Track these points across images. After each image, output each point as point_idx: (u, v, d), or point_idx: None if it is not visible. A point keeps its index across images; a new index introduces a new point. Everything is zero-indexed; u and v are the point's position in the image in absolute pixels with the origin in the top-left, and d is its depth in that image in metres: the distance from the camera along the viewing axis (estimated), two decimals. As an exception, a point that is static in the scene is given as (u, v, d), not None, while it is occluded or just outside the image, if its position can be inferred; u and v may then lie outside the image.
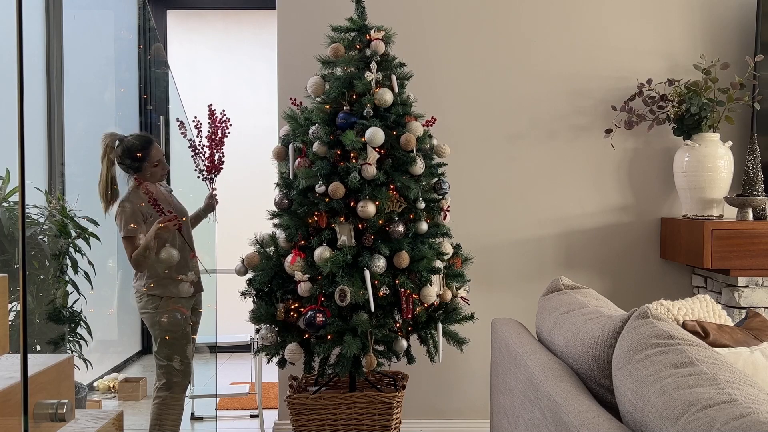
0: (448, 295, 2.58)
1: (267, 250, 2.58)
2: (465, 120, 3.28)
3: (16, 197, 2.79)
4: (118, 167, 2.72)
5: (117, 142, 2.70)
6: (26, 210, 2.91)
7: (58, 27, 3.45)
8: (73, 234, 3.05)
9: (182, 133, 2.86)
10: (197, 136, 2.84)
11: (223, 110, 2.90)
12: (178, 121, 2.85)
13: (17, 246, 2.62)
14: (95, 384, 3.92)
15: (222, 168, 2.87)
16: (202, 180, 2.87)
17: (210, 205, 2.96)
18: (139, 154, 2.68)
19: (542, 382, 1.54)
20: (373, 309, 2.41)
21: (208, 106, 2.88)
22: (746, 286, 2.87)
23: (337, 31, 2.62)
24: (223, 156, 2.86)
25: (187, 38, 5.49)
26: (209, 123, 2.83)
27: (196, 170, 2.87)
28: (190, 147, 2.83)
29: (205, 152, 2.83)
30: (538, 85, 3.27)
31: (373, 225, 2.45)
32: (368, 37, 2.56)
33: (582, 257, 3.30)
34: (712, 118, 3.01)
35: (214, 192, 2.91)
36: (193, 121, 2.84)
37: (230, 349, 5.28)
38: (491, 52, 3.27)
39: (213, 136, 2.82)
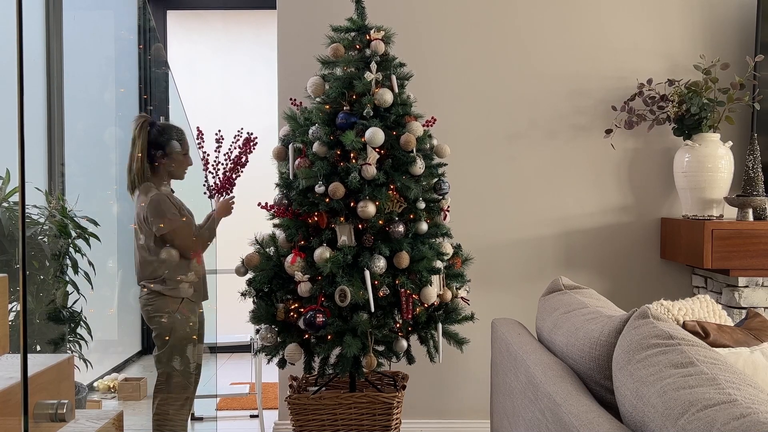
0: (448, 295, 2.58)
1: (267, 250, 2.58)
2: (465, 120, 3.28)
3: (16, 197, 2.79)
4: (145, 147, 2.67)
5: (150, 124, 2.69)
6: (26, 210, 2.91)
7: (58, 27, 3.44)
8: (73, 234, 3.04)
9: (199, 145, 2.77)
10: (215, 151, 2.75)
11: (252, 134, 2.81)
12: (198, 130, 2.80)
13: (17, 246, 2.62)
14: (95, 384, 3.91)
15: (234, 188, 2.81)
16: (208, 197, 2.82)
17: (226, 208, 2.84)
18: (172, 140, 2.69)
19: (542, 382, 1.54)
20: (373, 309, 2.41)
21: (249, 133, 2.81)
22: (746, 286, 2.87)
23: (337, 31, 2.62)
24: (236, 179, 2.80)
25: (187, 38, 5.49)
26: (239, 147, 2.75)
27: (204, 185, 2.83)
28: (203, 161, 2.76)
29: (219, 170, 2.76)
30: (538, 85, 3.27)
31: (373, 225, 2.44)
32: (368, 37, 2.56)
33: (582, 257, 3.30)
34: (712, 118, 3.01)
35: (232, 202, 2.84)
36: (216, 135, 2.78)
37: (230, 350, 5.28)
38: (491, 52, 3.27)
39: (237, 158, 2.75)
